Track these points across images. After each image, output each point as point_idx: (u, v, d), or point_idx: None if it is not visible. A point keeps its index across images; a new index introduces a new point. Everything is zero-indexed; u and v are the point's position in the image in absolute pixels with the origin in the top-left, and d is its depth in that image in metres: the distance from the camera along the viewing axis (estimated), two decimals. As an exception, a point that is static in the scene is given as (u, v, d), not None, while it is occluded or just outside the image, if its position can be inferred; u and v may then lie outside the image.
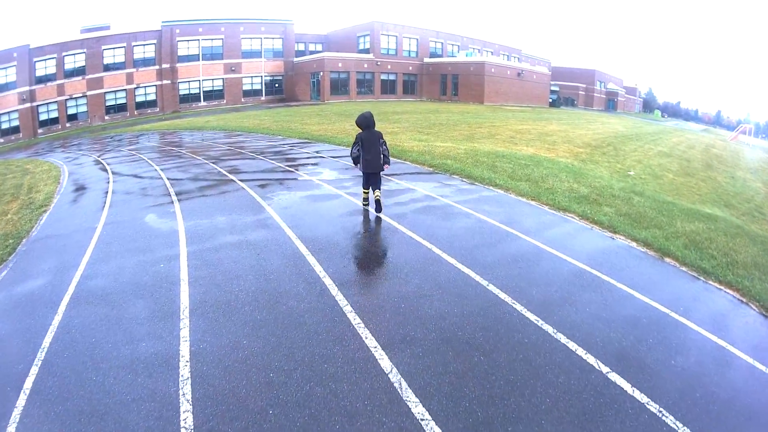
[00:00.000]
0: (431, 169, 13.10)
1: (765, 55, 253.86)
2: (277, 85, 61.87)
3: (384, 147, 8.91)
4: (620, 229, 8.61)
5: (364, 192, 9.33)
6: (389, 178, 11.71)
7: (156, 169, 14.76)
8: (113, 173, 14.93)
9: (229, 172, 13.22)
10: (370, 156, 8.75)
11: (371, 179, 9.04)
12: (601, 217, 9.21)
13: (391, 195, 10.17)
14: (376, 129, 8.99)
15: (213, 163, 15.18)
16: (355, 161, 8.99)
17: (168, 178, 13.00)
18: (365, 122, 8.86)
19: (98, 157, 20.22)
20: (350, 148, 9.40)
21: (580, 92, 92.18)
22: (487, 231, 8.13)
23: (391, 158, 9.62)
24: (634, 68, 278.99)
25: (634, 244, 8.05)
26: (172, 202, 10.15)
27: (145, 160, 17.38)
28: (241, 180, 11.97)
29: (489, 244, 7.56)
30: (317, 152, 16.34)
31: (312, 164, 13.91)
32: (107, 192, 12.05)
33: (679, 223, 9.62)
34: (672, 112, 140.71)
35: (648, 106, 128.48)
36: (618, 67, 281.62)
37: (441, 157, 14.59)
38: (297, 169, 13.26)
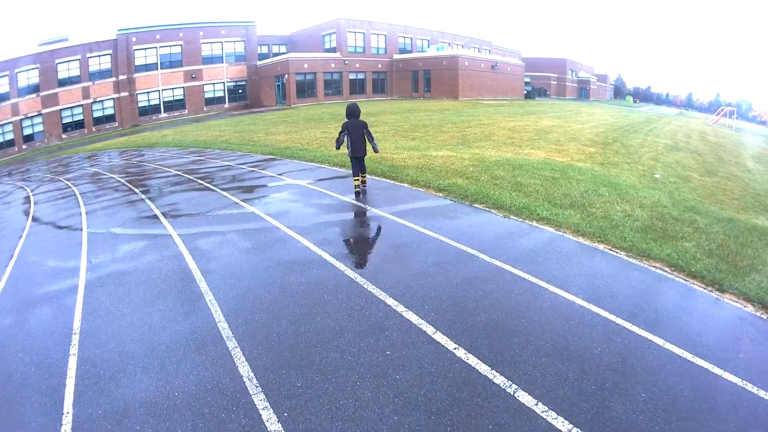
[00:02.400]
0: (441, 194, 9.77)
1: (733, 35, 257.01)
2: (240, 90, 58.60)
3: (370, 136, 9.79)
4: (725, 285, 5.88)
5: (355, 179, 9.99)
6: (393, 218, 8.37)
7: (81, 213, 11.40)
8: (33, 219, 11.76)
9: (167, 215, 9.77)
10: (356, 138, 9.73)
11: (359, 164, 9.92)
12: (694, 265, 6.37)
13: (409, 256, 6.80)
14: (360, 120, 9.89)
15: (150, 199, 11.69)
16: (338, 146, 10.07)
17: (88, 231, 9.57)
18: (352, 112, 9.88)
19: (31, 192, 17.02)
20: (335, 141, 10.41)
21: (552, 82, 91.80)
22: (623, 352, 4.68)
23: (384, 180, 11.01)
24: (602, 55, 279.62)
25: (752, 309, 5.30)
26: (76, 290, 6.59)
27: (76, 196, 13.95)
28: (180, 233, 8.46)
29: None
30: (282, 174, 12.87)
31: (278, 198, 10.40)
32: (11, 257, 8.70)
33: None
34: (643, 96, 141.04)
35: (619, 92, 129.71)
36: (586, 54, 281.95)
37: (447, 174, 11.32)
38: (256, 205, 9.81)
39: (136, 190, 13.17)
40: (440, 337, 4.57)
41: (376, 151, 9.93)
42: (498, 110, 36.48)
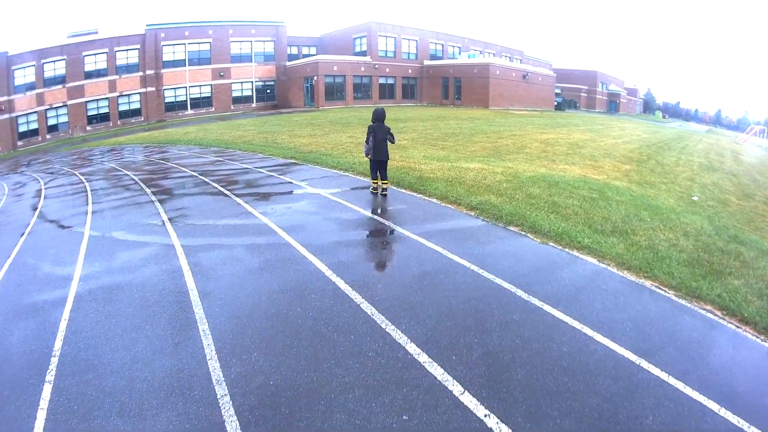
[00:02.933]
0: (473, 213, 8.91)
1: (764, 52, 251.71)
2: (268, 90, 58.20)
3: (390, 136, 9.93)
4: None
5: (373, 181, 10.42)
6: (420, 240, 7.56)
7: (87, 212, 10.86)
8: (39, 216, 11.30)
9: (173, 221, 9.13)
10: (379, 141, 9.80)
11: (379, 168, 10.10)
12: (746, 308, 5.52)
13: (435, 289, 6.04)
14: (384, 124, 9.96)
15: (160, 201, 11.07)
16: (368, 152, 10.03)
17: (90, 233, 8.98)
18: (378, 116, 9.95)
19: (44, 184, 16.72)
20: (364, 147, 10.53)
21: (582, 94, 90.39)
22: None
23: (411, 193, 10.56)
24: (632, 68, 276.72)
25: None
26: (64, 302, 5.94)
27: (87, 193, 13.47)
28: (184, 244, 7.77)
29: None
30: (303, 182, 12.13)
31: (294, 209, 9.57)
32: (9, 256, 8.22)
33: None
34: (672, 112, 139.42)
35: (648, 107, 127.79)
36: (616, 67, 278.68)
37: (478, 190, 10.49)
38: (270, 216, 9.05)
39: (147, 190, 12.59)
40: (468, 400, 3.77)
41: (392, 141, 9.96)
42: (529, 121, 35.55)
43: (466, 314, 5.09)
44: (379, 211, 9.02)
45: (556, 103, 68.10)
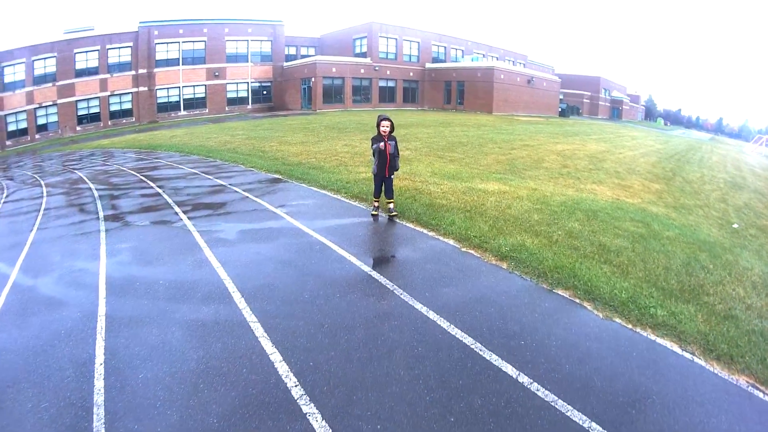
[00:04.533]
0: (504, 265, 6.66)
1: (764, 60, 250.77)
2: (265, 92, 56.18)
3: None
4: None
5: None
6: (438, 321, 5.35)
7: (26, 243, 8.83)
8: None
9: (111, 266, 6.95)
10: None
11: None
12: None
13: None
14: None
15: (107, 232, 8.90)
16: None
17: (13, 283, 6.83)
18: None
19: (4, 197, 14.97)
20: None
21: (585, 100, 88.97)
22: None
23: (420, 229, 8.23)
24: (633, 74, 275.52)
25: None
26: None
27: (39, 213, 11.40)
28: (110, 312, 5.55)
29: None
30: (282, 208, 9.85)
31: (260, 257, 7.12)
32: None
33: None
34: (674, 119, 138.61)
35: (650, 113, 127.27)
36: (617, 73, 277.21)
37: (505, 225, 8.29)
38: (228, 268, 6.83)
39: (101, 213, 10.41)
40: None
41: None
42: (538, 129, 33.40)
43: None
44: (379, 262, 6.74)
45: (560, 110, 65.99)
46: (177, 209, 10.04)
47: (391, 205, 8.88)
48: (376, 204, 8.99)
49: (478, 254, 6.96)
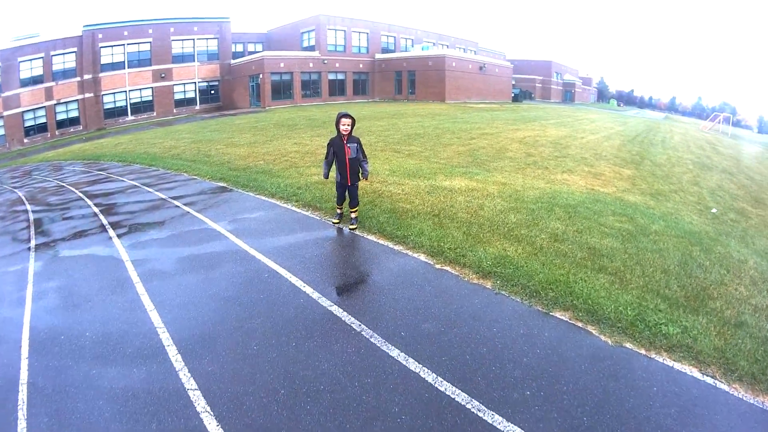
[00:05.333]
0: (489, 284, 5.69)
1: (714, 38, 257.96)
2: (213, 91, 54.33)
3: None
4: None
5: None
6: (420, 374, 4.34)
7: None
8: None
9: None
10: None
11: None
12: None
13: None
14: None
15: (35, 278, 7.52)
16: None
17: None
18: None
19: None
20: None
21: (537, 84, 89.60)
22: None
23: (384, 242, 7.10)
24: (584, 57, 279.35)
25: None
26: None
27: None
28: (29, 382, 4.46)
29: None
30: (223, 224, 8.71)
31: (205, 293, 6.04)
32: None
33: None
34: (626, 100, 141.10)
35: (602, 95, 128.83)
36: (569, 56, 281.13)
37: (481, 231, 7.35)
38: (162, 312, 5.71)
39: (32, 243, 9.02)
40: None
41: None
42: (494, 116, 32.70)
43: None
44: (341, 292, 5.61)
45: (513, 94, 65.82)
46: (111, 233, 8.70)
47: (353, 216, 7.80)
48: (340, 211, 8.01)
49: (456, 271, 5.95)
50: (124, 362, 4.45)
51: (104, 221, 9.69)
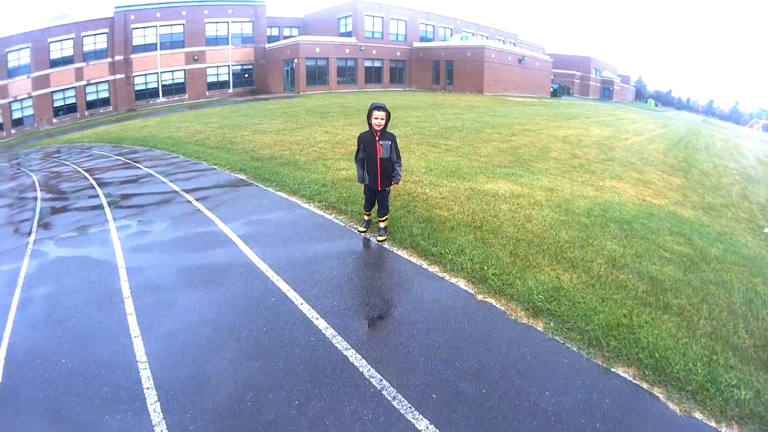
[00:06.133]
0: (540, 326, 4.71)
1: (754, 43, 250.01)
2: (246, 75, 53.54)
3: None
4: None
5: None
6: None
7: None
8: None
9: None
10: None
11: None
12: None
13: None
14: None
15: (25, 281, 6.74)
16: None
17: None
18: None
19: None
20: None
21: (575, 80, 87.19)
22: None
23: (416, 261, 6.02)
24: (622, 55, 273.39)
25: None
26: None
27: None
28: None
29: None
30: (241, 227, 7.83)
31: (200, 317, 5.21)
32: None
33: None
34: (664, 100, 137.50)
35: (640, 94, 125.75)
36: (607, 53, 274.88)
37: (529, 252, 6.33)
38: (151, 335, 4.86)
39: (31, 238, 8.30)
40: None
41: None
42: (534, 111, 31.35)
43: None
44: (361, 331, 4.54)
45: (552, 90, 63.93)
46: (113, 231, 7.88)
47: (382, 225, 6.73)
48: (367, 218, 6.90)
49: (502, 305, 4.96)
50: (95, 405, 3.65)
51: (109, 215, 8.89)
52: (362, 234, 6.90)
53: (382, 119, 6.05)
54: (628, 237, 7.30)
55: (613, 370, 4.00)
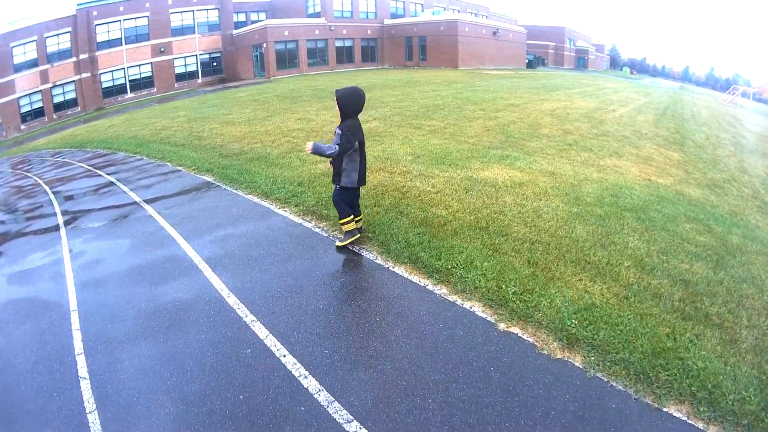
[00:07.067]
0: (575, 359, 3.85)
1: (729, 8, 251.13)
2: (215, 63, 52.62)
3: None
4: None
5: (356, 223, 5.72)
6: None
7: None
8: None
9: None
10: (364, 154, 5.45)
11: (358, 198, 5.81)
12: None
13: None
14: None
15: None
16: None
17: None
18: (358, 105, 5.27)
19: None
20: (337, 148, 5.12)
21: (550, 51, 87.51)
22: None
23: (414, 279, 5.04)
24: (596, 24, 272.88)
25: None
26: None
27: None
28: None
29: None
30: (206, 246, 6.77)
31: (163, 376, 4.31)
32: None
33: None
34: (639, 68, 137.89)
35: (614, 63, 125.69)
36: (580, 22, 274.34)
37: (548, 258, 5.43)
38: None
39: None
40: None
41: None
42: (513, 83, 30.46)
43: None
44: (362, 392, 3.50)
45: (527, 61, 63.21)
46: (66, 261, 6.65)
47: (360, 226, 6.00)
48: (357, 226, 5.86)
49: (529, 336, 4.05)
50: None
51: (64, 240, 7.70)
52: (354, 240, 5.84)
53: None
54: (648, 229, 6.48)
55: (664, 409, 3.24)
